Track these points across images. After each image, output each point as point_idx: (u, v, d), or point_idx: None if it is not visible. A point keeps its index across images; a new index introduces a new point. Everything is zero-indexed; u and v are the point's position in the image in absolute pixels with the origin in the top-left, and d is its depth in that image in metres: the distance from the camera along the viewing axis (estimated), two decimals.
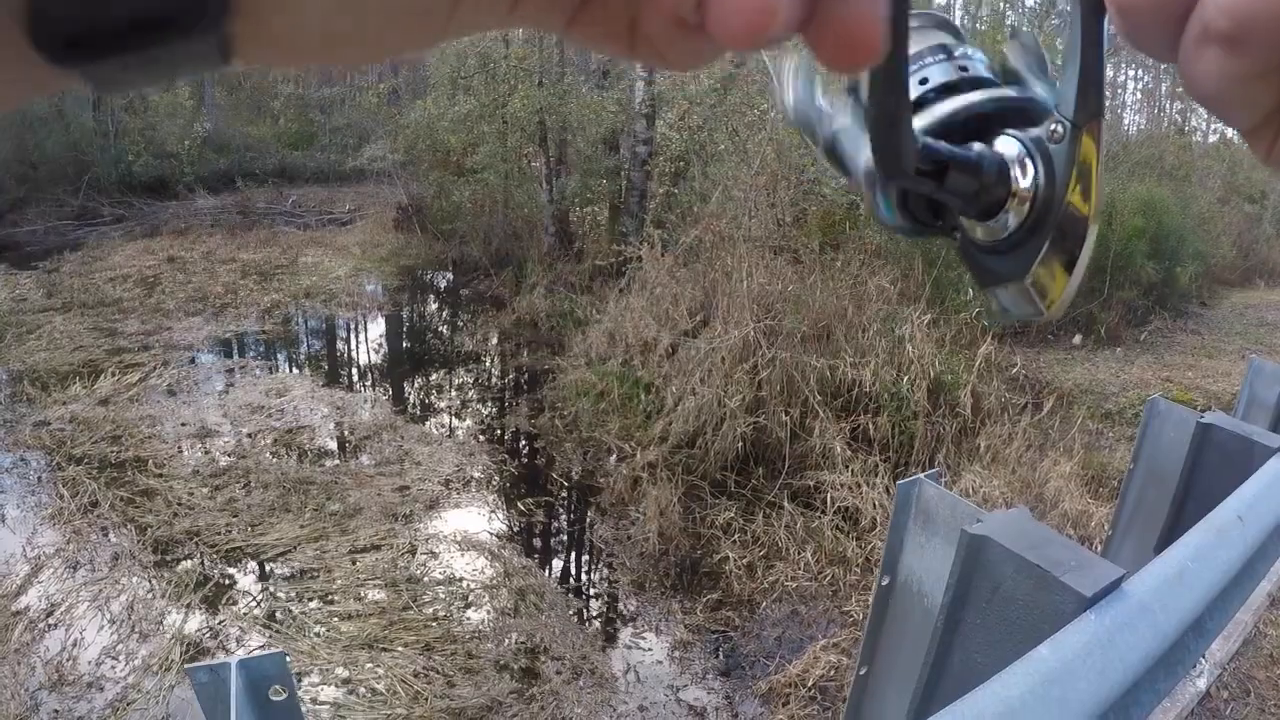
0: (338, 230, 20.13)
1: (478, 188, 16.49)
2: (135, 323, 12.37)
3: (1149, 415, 3.85)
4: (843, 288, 9.59)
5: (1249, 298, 21.31)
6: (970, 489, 7.42)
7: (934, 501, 2.53)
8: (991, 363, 9.26)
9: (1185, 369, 12.37)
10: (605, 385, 9.32)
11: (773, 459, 8.12)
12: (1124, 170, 20.48)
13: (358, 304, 14.44)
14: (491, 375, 11.90)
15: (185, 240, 17.92)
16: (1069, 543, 2.17)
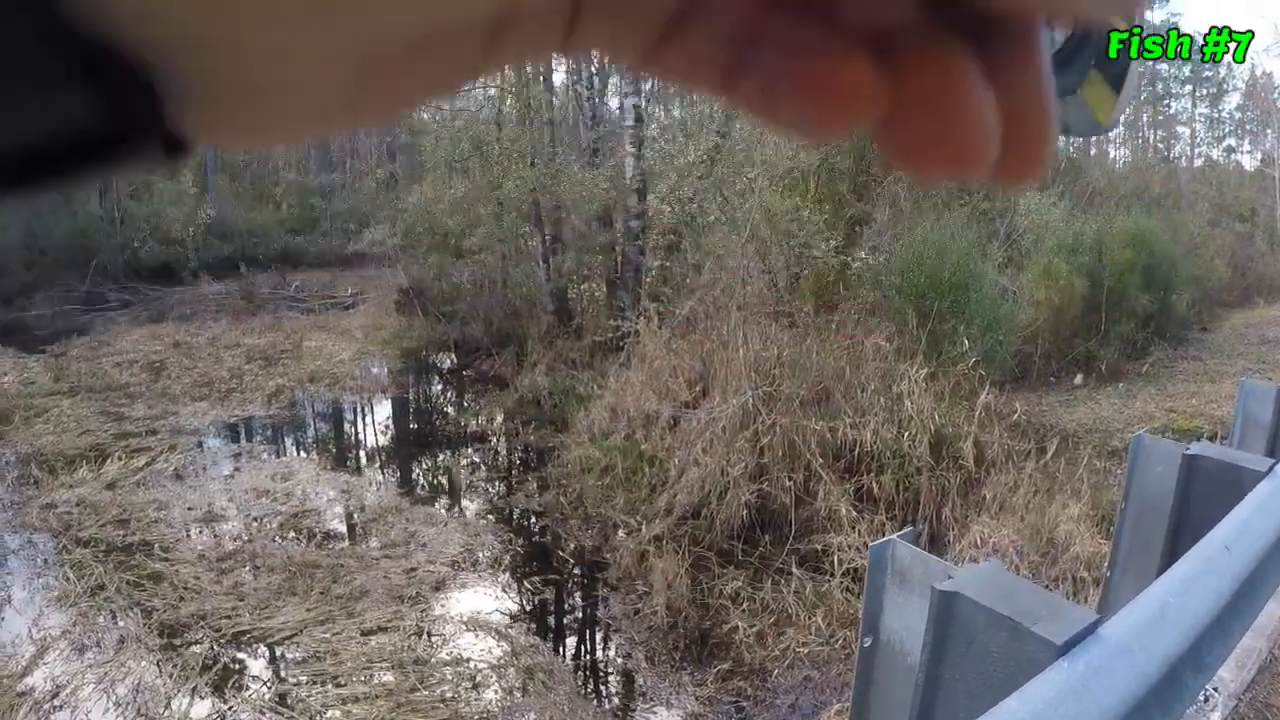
0: (341, 314, 20.26)
1: (476, 269, 16.69)
2: (142, 407, 12.41)
3: (1135, 453, 3.84)
4: (839, 349, 9.61)
5: (1249, 317, 21.28)
6: (979, 540, 7.38)
7: (908, 561, 2.52)
8: (992, 411, 9.25)
9: (1189, 397, 12.34)
10: (609, 460, 9.30)
11: (779, 525, 8.07)
12: (1111, 204, 20.57)
13: (362, 387, 14.50)
14: (497, 455, 11.90)
15: (190, 325, 18.08)
16: (1041, 592, 2.16)
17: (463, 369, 16.09)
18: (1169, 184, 30.71)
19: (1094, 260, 15.21)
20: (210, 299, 20.66)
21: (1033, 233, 15.29)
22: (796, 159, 13.09)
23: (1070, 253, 14.80)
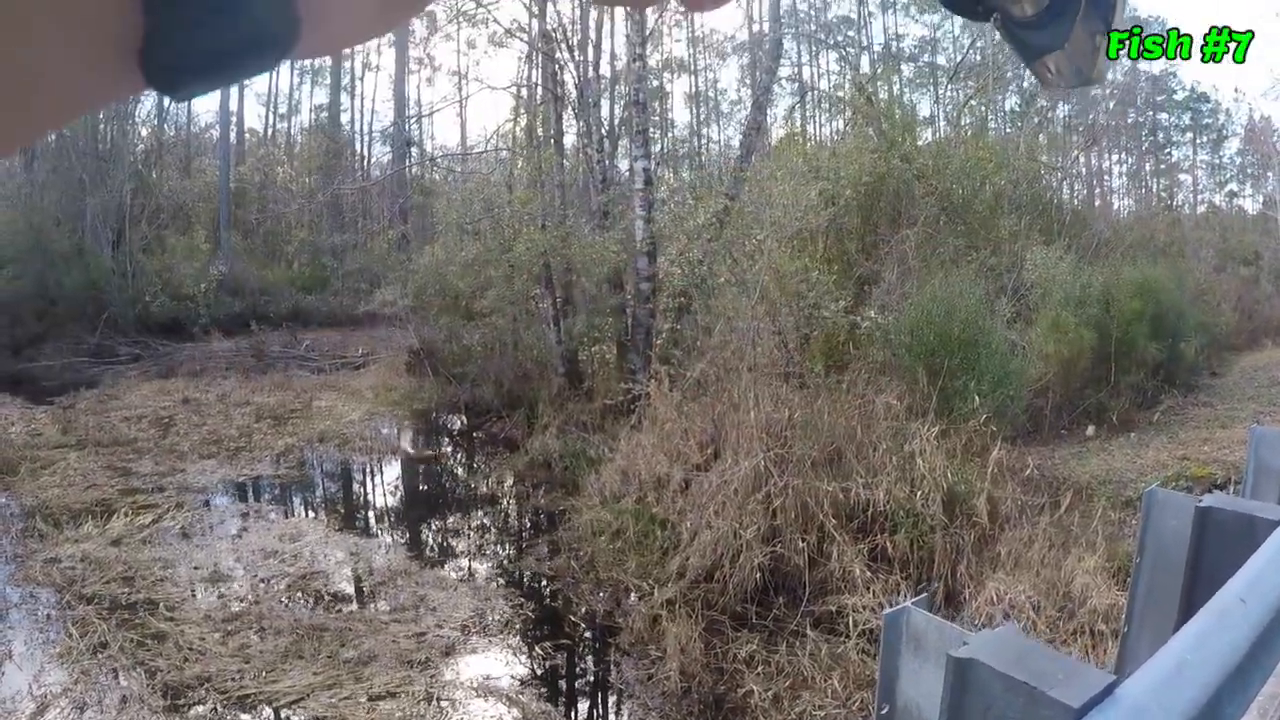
0: (351, 374, 20.43)
1: (487, 331, 16.81)
2: (149, 463, 12.44)
3: (1148, 506, 3.81)
4: (850, 409, 9.60)
5: (1258, 359, 21.29)
6: (995, 597, 7.31)
7: (922, 627, 2.50)
8: (1005, 467, 9.20)
9: (1201, 444, 12.25)
10: (620, 524, 9.28)
11: (793, 587, 8.03)
12: (1117, 255, 20.62)
13: (372, 448, 14.53)
14: (507, 517, 11.89)
15: (200, 382, 18.23)
16: (1057, 654, 2.15)
17: (473, 431, 16.11)
18: (1173, 232, 30.90)
19: (1102, 311, 15.22)
20: (220, 356, 20.88)
21: (1040, 286, 15.30)
22: (805, 220, 13.18)
23: (1078, 305, 14.82)
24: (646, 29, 16.65)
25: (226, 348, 21.77)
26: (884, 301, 12.98)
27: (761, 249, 12.21)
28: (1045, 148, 29.09)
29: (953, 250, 15.64)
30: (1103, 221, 29.06)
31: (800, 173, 15.25)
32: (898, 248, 14.57)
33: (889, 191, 16.71)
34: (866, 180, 16.01)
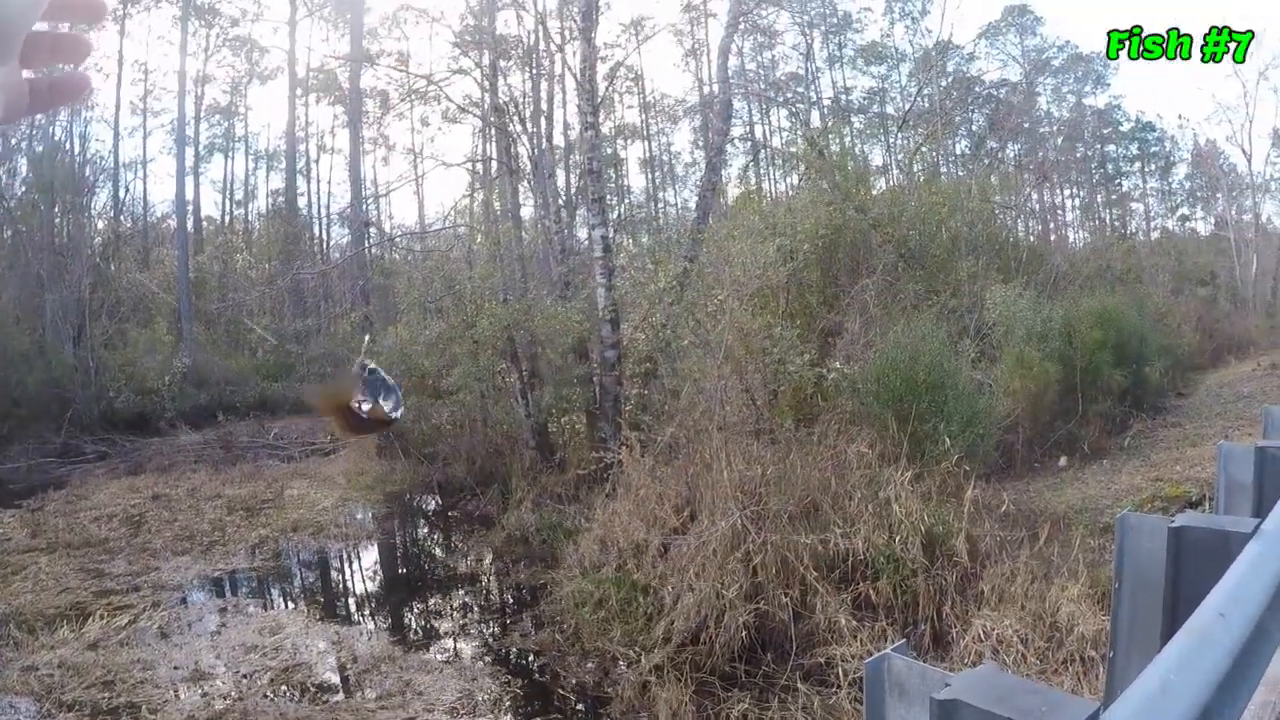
0: (321, 460, 20.17)
1: (455, 408, 16.70)
2: (123, 563, 12.22)
3: (1122, 531, 3.83)
4: (822, 460, 9.63)
5: (1223, 376, 21.58)
6: (982, 633, 7.30)
7: (904, 673, 2.50)
8: (980, 504, 9.23)
9: (1173, 464, 12.37)
10: (602, 593, 9.20)
11: (780, 642, 7.98)
12: (1076, 287, 20.90)
13: (347, 534, 14.36)
14: (489, 595, 11.79)
15: (169, 477, 17.92)
16: (1040, 688, 2.15)
17: (448, 510, 16.02)
18: (1129, 260, 31.45)
19: (1064, 344, 15.41)
20: (188, 449, 20.62)
21: (1002, 324, 15.46)
22: (765, 277, 13.28)
23: (1040, 339, 14.99)
24: (597, 97, 16.82)
25: (194, 440, 21.55)
26: (848, 351, 13.06)
27: (723, 309, 12.29)
28: (998, 188, 29.48)
29: (913, 296, 15.79)
30: (1059, 255, 29.41)
31: (757, 230, 15.39)
32: (858, 297, 14.69)
33: (846, 242, 16.86)
34: (823, 233, 16.16)
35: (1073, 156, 58.86)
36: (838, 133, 35.19)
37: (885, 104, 53.17)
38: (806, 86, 52.27)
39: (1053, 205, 59.44)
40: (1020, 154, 49.42)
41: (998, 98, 51.05)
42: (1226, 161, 51.34)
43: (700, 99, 45.08)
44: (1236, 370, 22.99)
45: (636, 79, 48.65)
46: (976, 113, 50.23)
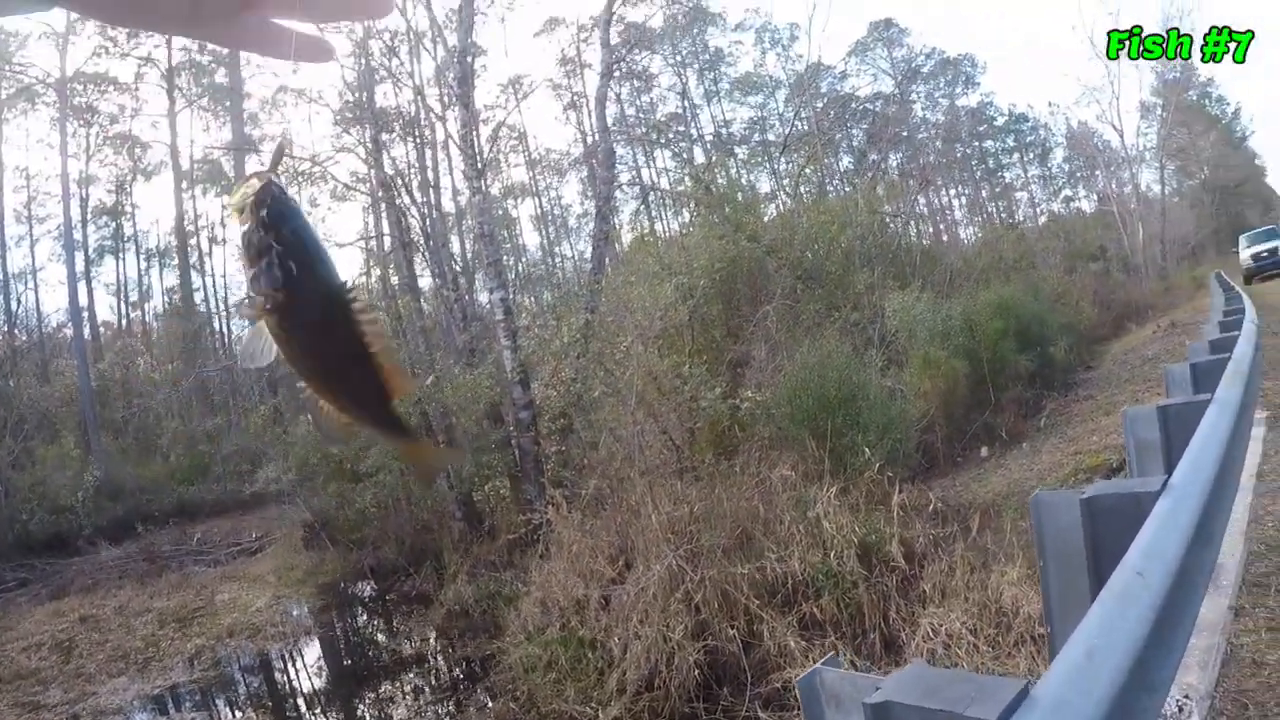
0: (249, 560, 19.83)
1: (377, 490, 16.44)
2: (58, 692, 11.80)
3: (1037, 512, 3.88)
4: (748, 489, 9.66)
5: (1126, 344, 22.22)
6: (931, 631, 7.34)
7: (836, 684, 2.50)
8: (909, 507, 9.30)
9: (1090, 435, 12.63)
10: (550, 654, 9.09)
11: (734, 674, 7.95)
12: (971, 282, 21.34)
13: (285, 633, 14.06)
14: (438, 674, 11.63)
15: (95, 597, 17.38)
16: (968, 676, 2.16)
17: (385, 594, 15.80)
18: (1020, 247, 32.17)
19: (968, 338, 15.71)
20: (111, 565, 20.04)
21: (904, 330, 15.72)
22: (667, 317, 13.35)
23: (943, 338, 15.27)
24: (482, 161, 16.86)
25: (116, 555, 20.93)
26: (758, 379, 13.16)
27: (630, 354, 12.32)
28: (884, 198, 30.09)
29: (814, 315, 16.00)
30: (952, 254, 30.09)
31: (654, 272, 15.49)
32: (761, 325, 14.84)
33: (743, 272, 17.04)
34: (719, 266, 16.31)
35: (953, 157, 60.53)
36: (723, 166, 35.60)
37: (766, 132, 54.24)
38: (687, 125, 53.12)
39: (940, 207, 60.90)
40: (903, 162, 50.69)
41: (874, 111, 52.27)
42: (1100, 139, 53.34)
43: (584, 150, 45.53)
44: (1138, 335, 23.68)
45: (520, 137, 49.11)
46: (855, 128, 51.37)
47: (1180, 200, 58.63)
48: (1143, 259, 42.35)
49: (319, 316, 0.77)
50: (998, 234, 38.97)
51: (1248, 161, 78.91)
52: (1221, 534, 4.00)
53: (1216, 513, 3.90)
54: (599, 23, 20.55)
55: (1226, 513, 4.27)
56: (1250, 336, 7.99)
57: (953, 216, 63.50)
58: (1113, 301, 30.52)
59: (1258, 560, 5.61)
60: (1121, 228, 45.73)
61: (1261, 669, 4.27)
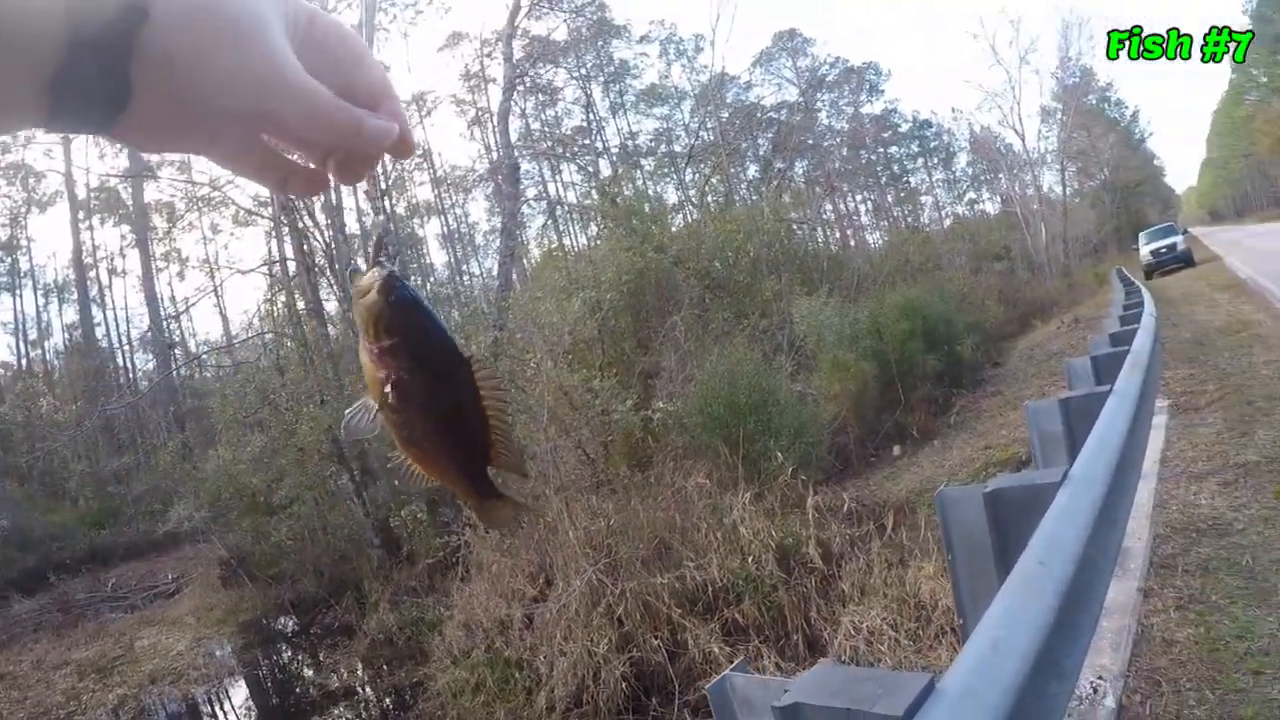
0: (167, 604, 19.34)
1: (293, 522, 16.18)
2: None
3: (943, 508, 3.93)
4: (664, 500, 9.70)
5: (1032, 340, 22.66)
6: (853, 629, 7.40)
7: (746, 690, 2.53)
8: (824, 509, 9.40)
9: (998, 430, 12.84)
10: (477, 677, 9.04)
11: (661, 685, 7.95)
12: (878, 285, 21.61)
13: (209, 675, 13.76)
14: (367, 705, 11.46)
15: (10, 652, 16.89)
16: (874, 672, 2.20)
17: (308, 628, 15.52)
18: (925, 250, 32.68)
19: (875, 341, 15.91)
20: (24, 618, 19.47)
21: (812, 335, 15.85)
22: (576, 331, 13.33)
23: (852, 341, 15.43)
24: (385, 181, 16.71)
25: (29, 608, 20.30)
26: (669, 389, 13.20)
27: (540, 371, 12.27)
28: (790, 206, 30.39)
29: (723, 323, 16.09)
30: (859, 259, 30.47)
31: (561, 287, 15.47)
32: (670, 335, 14.89)
33: (651, 283, 17.10)
34: (627, 278, 16.35)
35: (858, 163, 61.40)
36: (629, 178, 35.69)
37: (672, 143, 54.42)
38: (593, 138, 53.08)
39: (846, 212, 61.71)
40: (808, 169, 51.19)
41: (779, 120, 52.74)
42: (1003, 143, 54.68)
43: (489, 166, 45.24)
44: (1043, 331, 24.19)
45: (425, 154, 48.55)
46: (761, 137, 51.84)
47: (1081, 200, 60.26)
48: (1046, 258, 43.39)
49: (441, 390, 0.83)
50: (903, 237, 39.59)
51: (1146, 162, 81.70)
52: (1125, 520, 4.09)
53: (1119, 500, 3.99)
54: (502, 37, 20.52)
55: (1130, 499, 4.36)
56: (1149, 329, 8.20)
57: (859, 221, 64.42)
58: (1018, 299, 31.20)
59: (1164, 543, 5.76)
60: (1025, 228, 46.83)
61: (1172, 647, 4.39)
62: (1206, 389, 10.08)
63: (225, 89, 0.65)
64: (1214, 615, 4.61)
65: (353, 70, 0.76)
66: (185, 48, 0.62)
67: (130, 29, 0.59)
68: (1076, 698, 4.04)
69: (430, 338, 0.82)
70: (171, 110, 0.64)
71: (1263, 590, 4.73)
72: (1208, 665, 4.14)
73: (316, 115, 0.70)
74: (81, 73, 0.59)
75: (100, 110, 0.61)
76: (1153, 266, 34.48)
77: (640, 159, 51.16)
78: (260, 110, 0.68)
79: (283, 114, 0.69)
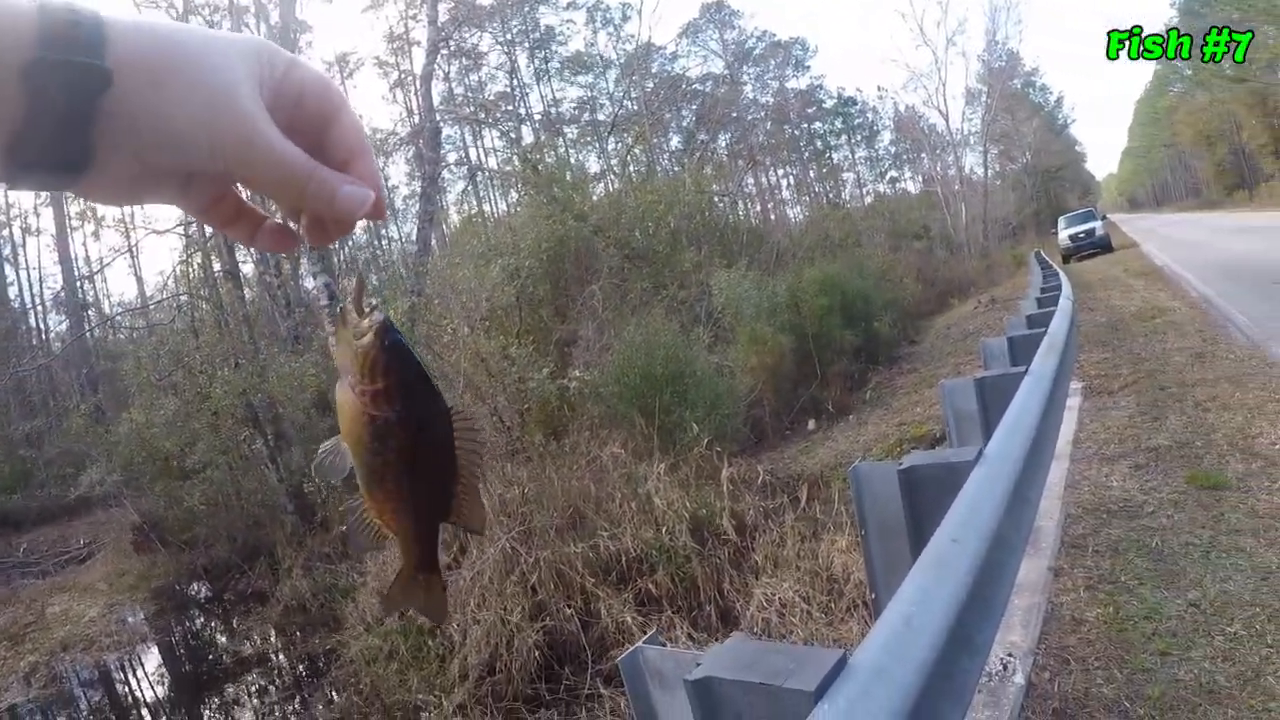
0: (78, 569, 18.96)
1: (206, 487, 15.92)
2: None
3: (856, 482, 3.98)
4: (579, 469, 9.71)
5: (949, 318, 22.96)
6: (765, 601, 7.47)
7: (658, 662, 2.53)
8: (738, 481, 9.47)
9: (914, 407, 13.01)
10: (391, 645, 8.99)
11: (575, 654, 7.97)
12: (797, 260, 21.72)
13: (121, 642, 13.53)
14: (281, 673, 11.35)
15: None
16: (786, 647, 2.20)
17: (221, 594, 15.31)
18: (845, 226, 32.94)
19: (793, 315, 16.01)
20: None
21: (731, 307, 15.90)
22: (493, 298, 13.24)
23: (769, 314, 15.50)
24: None
25: None
26: (586, 358, 13.18)
27: (457, 337, 12.17)
28: (712, 178, 30.38)
29: (641, 293, 16.09)
30: (779, 233, 30.59)
31: (480, 253, 15.34)
32: (589, 304, 14.87)
33: (571, 252, 17.04)
34: (547, 246, 16.27)
35: (782, 138, 61.59)
36: (551, 145, 35.43)
37: (596, 111, 54.07)
38: (515, 104, 52.57)
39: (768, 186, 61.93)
40: (731, 142, 51.28)
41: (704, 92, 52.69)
42: (927, 123, 55.33)
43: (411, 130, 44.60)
44: (960, 310, 24.55)
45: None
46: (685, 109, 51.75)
47: (1003, 183, 61.09)
48: (966, 238, 43.95)
49: (420, 438, 0.82)
50: (824, 213, 39.87)
51: (1068, 148, 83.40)
52: (1038, 499, 4.16)
53: (1032, 479, 4.07)
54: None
55: (1042, 479, 4.44)
56: (1066, 312, 8.36)
57: (780, 196, 64.69)
58: (936, 278, 31.61)
59: (1075, 523, 5.88)
60: (945, 208, 47.41)
61: (1081, 625, 4.48)
62: (1120, 373, 10.31)
63: (192, 150, 0.63)
64: (1123, 596, 4.71)
65: (327, 125, 0.75)
66: (150, 109, 0.61)
67: (93, 95, 0.59)
68: (986, 674, 4.11)
69: (417, 385, 0.81)
70: (138, 168, 0.63)
71: (1171, 573, 4.84)
72: (1116, 645, 4.23)
73: (287, 181, 0.69)
74: (41, 137, 0.58)
75: (62, 172, 0.61)
76: (1071, 251, 35.16)
77: (563, 127, 50.82)
78: (229, 171, 0.67)
79: (252, 176, 0.69)
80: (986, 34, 55.06)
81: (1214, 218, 46.03)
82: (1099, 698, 3.84)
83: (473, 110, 48.56)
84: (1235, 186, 67.94)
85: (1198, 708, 3.58)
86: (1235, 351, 9.99)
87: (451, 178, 42.61)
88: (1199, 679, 3.77)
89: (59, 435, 28.23)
